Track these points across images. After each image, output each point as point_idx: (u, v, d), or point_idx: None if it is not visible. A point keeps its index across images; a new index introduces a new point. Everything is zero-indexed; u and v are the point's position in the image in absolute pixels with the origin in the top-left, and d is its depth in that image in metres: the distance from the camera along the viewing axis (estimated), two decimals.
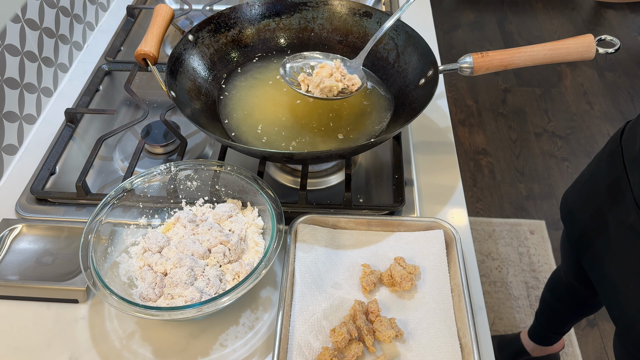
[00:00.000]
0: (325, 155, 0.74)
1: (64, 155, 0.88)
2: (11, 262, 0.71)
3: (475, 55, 0.80)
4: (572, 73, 2.70)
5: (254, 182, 0.73)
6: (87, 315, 0.68)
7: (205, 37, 0.91)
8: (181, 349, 0.65)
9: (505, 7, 3.16)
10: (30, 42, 0.91)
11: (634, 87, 2.62)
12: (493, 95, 2.59)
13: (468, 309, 0.64)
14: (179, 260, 0.68)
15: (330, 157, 0.77)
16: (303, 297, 0.68)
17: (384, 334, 0.63)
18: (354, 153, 0.78)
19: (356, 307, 0.66)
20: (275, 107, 0.88)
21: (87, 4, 1.13)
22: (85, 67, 1.06)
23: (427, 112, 0.97)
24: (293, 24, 0.98)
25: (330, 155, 0.75)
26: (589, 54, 0.78)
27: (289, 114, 0.87)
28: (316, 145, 0.82)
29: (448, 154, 0.90)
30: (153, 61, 0.83)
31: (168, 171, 0.75)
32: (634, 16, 3.09)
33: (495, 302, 1.77)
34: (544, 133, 2.39)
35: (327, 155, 0.75)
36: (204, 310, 0.61)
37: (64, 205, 0.80)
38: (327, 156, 0.75)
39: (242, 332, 0.67)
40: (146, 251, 0.71)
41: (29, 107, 0.92)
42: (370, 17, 0.95)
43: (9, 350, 0.65)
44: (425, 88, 0.83)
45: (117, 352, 0.65)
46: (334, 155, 0.76)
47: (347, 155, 0.79)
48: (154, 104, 0.99)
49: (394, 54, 0.92)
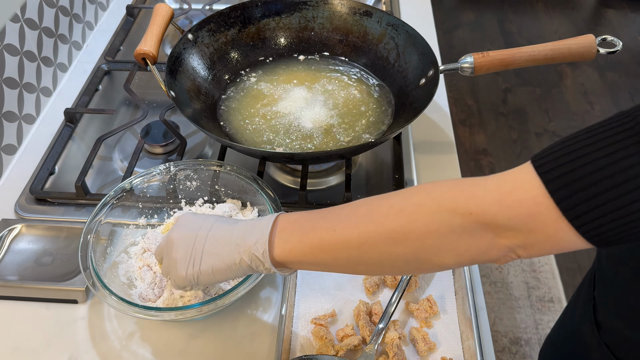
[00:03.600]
0: (325, 155, 0.74)
1: (63, 155, 0.88)
2: (10, 262, 0.71)
3: (476, 55, 0.80)
4: (572, 73, 2.70)
5: (254, 182, 0.73)
6: (87, 316, 0.68)
7: (204, 37, 0.90)
8: (181, 350, 0.65)
9: (505, 7, 3.16)
10: (29, 41, 0.91)
11: (634, 87, 2.62)
12: (493, 95, 2.58)
13: (472, 312, 0.64)
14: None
15: (330, 157, 0.76)
16: (306, 299, 0.68)
17: (387, 335, 0.63)
18: (354, 153, 0.77)
19: (360, 307, 0.66)
20: (275, 106, 0.88)
21: (87, 4, 1.12)
22: (85, 67, 1.06)
23: (427, 112, 0.97)
24: (293, 23, 0.98)
25: (330, 155, 0.75)
26: (589, 54, 0.77)
27: (289, 114, 0.86)
28: (316, 145, 0.82)
29: (448, 154, 0.90)
30: (152, 61, 0.82)
31: (167, 171, 0.75)
32: (634, 16, 3.09)
33: (495, 303, 1.76)
34: (545, 133, 2.39)
35: (327, 155, 0.74)
36: (204, 310, 0.60)
37: (63, 205, 0.80)
38: (327, 156, 0.75)
39: (242, 333, 0.67)
40: (145, 251, 0.71)
41: (28, 107, 0.91)
42: (371, 16, 0.94)
43: (8, 351, 0.65)
44: (425, 88, 0.83)
45: (117, 353, 0.65)
46: (334, 155, 0.75)
47: (347, 155, 0.78)
48: (153, 104, 0.98)
49: (394, 54, 0.91)
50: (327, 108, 0.87)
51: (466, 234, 0.44)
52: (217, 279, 0.54)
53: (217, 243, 0.53)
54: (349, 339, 0.63)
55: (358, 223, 0.48)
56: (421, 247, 0.46)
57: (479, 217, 0.43)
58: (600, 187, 0.38)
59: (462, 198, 0.44)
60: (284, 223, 0.52)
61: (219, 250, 0.53)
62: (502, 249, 0.44)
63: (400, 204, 0.47)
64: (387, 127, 0.85)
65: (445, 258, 0.46)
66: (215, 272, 0.53)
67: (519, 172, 0.42)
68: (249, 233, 0.52)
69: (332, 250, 0.49)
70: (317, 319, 0.64)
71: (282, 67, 0.96)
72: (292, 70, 0.95)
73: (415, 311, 0.66)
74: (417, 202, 0.46)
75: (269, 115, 0.86)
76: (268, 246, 0.50)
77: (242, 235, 0.52)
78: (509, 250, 0.44)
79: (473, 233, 0.44)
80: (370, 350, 0.61)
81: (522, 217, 0.41)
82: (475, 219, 0.43)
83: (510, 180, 0.42)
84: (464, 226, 0.44)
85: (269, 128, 0.84)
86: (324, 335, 0.63)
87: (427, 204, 0.45)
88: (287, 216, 0.53)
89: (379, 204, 0.48)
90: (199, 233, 0.54)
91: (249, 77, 0.94)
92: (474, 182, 0.45)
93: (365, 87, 0.91)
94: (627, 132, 0.38)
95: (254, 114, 0.87)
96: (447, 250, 0.45)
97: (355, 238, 0.47)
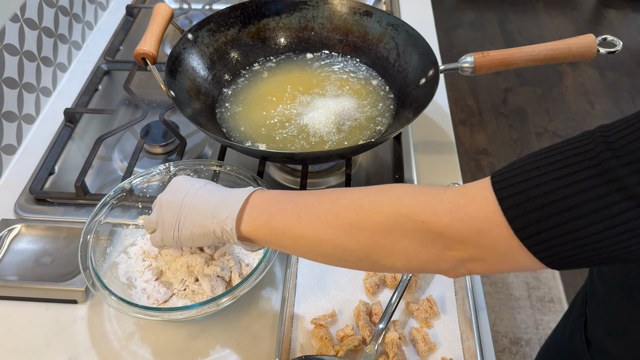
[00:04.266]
0: (325, 155, 0.74)
1: (63, 155, 0.88)
2: (10, 262, 0.71)
3: (476, 55, 0.79)
4: (573, 73, 2.70)
5: (254, 182, 0.73)
6: (86, 316, 0.68)
7: (204, 37, 0.90)
8: (180, 350, 0.65)
9: (506, 7, 3.16)
10: (29, 41, 0.91)
11: (635, 87, 2.61)
12: (494, 95, 2.58)
13: (472, 312, 0.64)
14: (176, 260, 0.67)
15: (330, 157, 0.76)
16: (306, 299, 0.68)
17: (387, 336, 0.63)
18: (354, 153, 0.77)
19: (360, 307, 0.66)
20: (275, 106, 0.88)
21: (87, 4, 1.12)
22: (85, 67, 1.06)
23: (427, 112, 0.97)
24: (293, 23, 0.98)
25: (330, 155, 0.75)
26: (590, 54, 0.77)
27: (289, 114, 0.86)
28: (316, 145, 0.81)
29: (449, 154, 0.90)
30: (152, 60, 0.82)
31: (167, 171, 0.75)
32: (635, 15, 3.09)
33: (496, 303, 1.76)
34: (545, 133, 2.39)
35: (327, 155, 0.74)
36: (204, 311, 0.60)
37: (63, 205, 0.80)
38: (327, 156, 0.75)
39: (242, 333, 0.67)
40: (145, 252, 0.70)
41: (27, 107, 0.91)
42: (371, 16, 0.94)
43: (7, 351, 0.65)
44: (425, 88, 0.83)
45: (116, 353, 0.65)
46: (334, 155, 0.75)
47: (347, 155, 0.78)
48: (153, 104, 0.98)
49: (394, 54, 0.91)
50: (327, 107, 0.87)
51: (417, 240, 0.44)
52: (196, 243, 0.57)
53: (196, 211, 0.55)
54: (349, 339, 0.63)
55: (320, 213, 0.49)
56: (373, 246, 0.46)
57: (430, 226, 0.43)
58: (553, 209, 0.37)
59: (417, 205, 0.44)
60: (256, 200, 0.53)
61: (196, 218, 0.55)
62: (452, 261, 0.44)
63: (360, 200, 0.47)
64: (387, 127, 0.85)
65: (395, 261, 0.46)
66: (194, 238, 0.56)
67: (477, 186, 0.42)
68: (222, 206, 0.54)
69: (294, 236, 0.50)
70: (317, 319, 0.64)
71: (282, 67, 0.96)
72: (292, 70, 0.95)
73: (416, 311, 0.66)
74: (375, 201, 0.47)
75: (269, 115, 0.86)
76: (236, 223, 0.52)
77: (217, 207, 0.54)
78: (459, 264, 0.44)
79: (424, 241, 0.44)
80: (370, 350, 0.61)
81: (473, 231, 0.41)
82: (427, 227, 0.43)
83: (466, 194, 0.43)
84: (416, 233, 0.44)
85: (269, 128, 0.84)
86: (324, 336, 0.63)
87: (385, 205, 0.46)
88: (261, 193, 0.54)
89: (343, 196, 0.49)
90: (184, 200, 0.56)
91: (249, 77, 0.94)
92: (433, 192, 0.45)
93: (365, 86, 0.91)
94: (585, 154, 0.37)
95: (254, 114, 0.87)
96: (398, 254, 0.46)
97: (315, 227, 0.48)
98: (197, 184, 0.58)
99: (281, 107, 0.88)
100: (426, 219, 0.43)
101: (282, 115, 0.86)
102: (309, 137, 0.82)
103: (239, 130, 0.84)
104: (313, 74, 0.94)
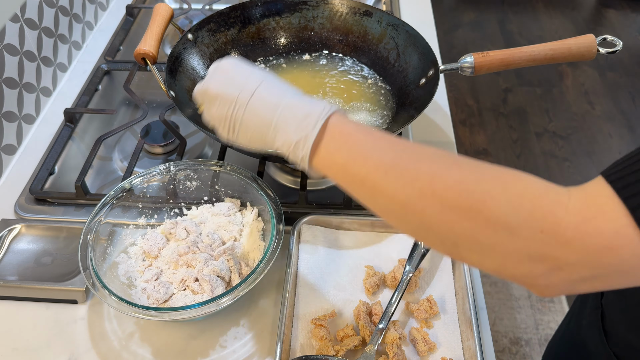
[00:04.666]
0: None
1: (63, 155, 0.88)
2: (10, 262, 0.71)
3: (476, 55, 0.79)
4: (573, 73, 2.70)
5: (254, 182, 0.73)
6: (86, 316, 0.68)
7: (204, 37, 0.90)
8: (180, 350, 0.65)
9: (506, 7, 3.16)
10: (29, 41, 0.91)
11: (635, 87, 2.61)
12: (494, 95, 2.58)
13: (472, 312, 0.64)
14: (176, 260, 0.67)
15: None
16: (306, 299, 0.68)
17: (387, 336, 0.63)
18: None
19: (360, 307, 0.66)
20: None
21: (87, 4, 1.12)
22: (85, 67, 1.06)
23: (427, 112, 0.97)
24: (293, 23, 0.98)
25: None
26: (589, 54, 0.77)
27: None
28: None
29: None
30: (152, 60, 0.82)
31: (167, 171, 0.75)
32: (635, 16, 3.09)
33: (495, 303, 1.76)
34: (545, 133, 2.39)
35: None
36: (204, 311, 0.60)
37: (63, 205, 0.80)
38: None
39: (242, 333, 0.67)
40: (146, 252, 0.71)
41: (28, 107, 0.91)
42: (371, 16, 0.94)
43: (8, 351, 0.65)
44: (425, 88, 0.83)
45: (116, 353, 0.65)
46: None
47: None
48: (153, 104, 0.98)
49: (394, 54, 0.91)
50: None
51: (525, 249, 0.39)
52: (254, 148, 0.51)
53: (258, 119, 0.48)
54: (349, 339, 0.63)
55: (415, 181, 0.42)
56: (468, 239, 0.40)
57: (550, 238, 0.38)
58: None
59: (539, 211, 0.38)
60: (335, 130, 0.46)
61: (257, 125, 0.48)
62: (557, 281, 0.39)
63: (470, 185, 0.40)
64: (387, 127, 0.85)
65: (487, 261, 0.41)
66: (252, 144, 0.50)
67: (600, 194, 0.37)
68: (291, 123, 0.47)
69: (374, 191, 0.44)
70: (317, 319, 0.64)
71: (282, 67, 0.96)
72: (292, 70, 0.95)
73: (416, 311, 0.66)
74: (489, 192, 0.40)
75: None
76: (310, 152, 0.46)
77: (284, 121, 0.47)
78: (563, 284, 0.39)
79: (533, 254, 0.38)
80: (370, 350, 0.61)
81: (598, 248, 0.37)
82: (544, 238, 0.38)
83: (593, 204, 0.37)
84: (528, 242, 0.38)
85: None
86: (324, 336, 0.63)
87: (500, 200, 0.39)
88: (340, 121, 0.47)
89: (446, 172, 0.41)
90: (239, 98, 0.49)
91: None
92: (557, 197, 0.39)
93: (366, 86, 0.91)
94: None
95: None
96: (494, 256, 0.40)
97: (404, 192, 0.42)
98: (254, 77, 0.50)
99: None
100: (546, 229, 0.38)
101: None
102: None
103: None
104: (313, 74, 0.94)
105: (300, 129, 0.46)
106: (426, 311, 0.66)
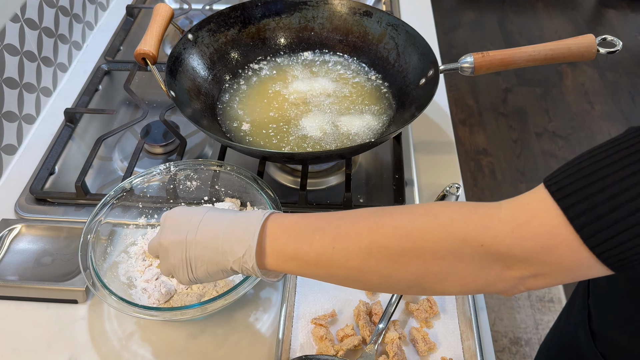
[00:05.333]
0: (325, 155, 0.74)
1: (63, 155, 0.88)
2: (10, 262, 0.71)
3: (476, 55, 0.80)
4: (573, 73, 2.70)
5: (254, 182, 0.73)
6: (87, 316, 0.68)
7: (204, 37, 0.90)
8: (180, 350, 0.65)
9: (506, 7, 3.16)
10: (29, 41, 0.91)
11: (634, 87, 2.61)
12: (494, 95, 2.58)
13: (472, 312, 0.64)
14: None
15: (330, 157, 0.76)
16: (306, 299, 0.68)
17: (387, 335, 0.63)
18: (354, 153, 0.77)
19: (360, 307, 0.66)
20: (275, 107, 0.88)
21: (87, 4, 1.12)
22: (85, 67, 1.06)
23: (427, 112, 0.97)
24: (293, 23, 0.98)
25: (330, 155, 0.75)
26: (589, 54, 0.77)
27: (289, 113, 0.86)
28: (316, 145, 0.82)
29: (448, 154, 0.90)
30: (152, 61, 0.82)
31: (167, 171, 0.75)
32: (634, 16, 3.09)
33: (495, 303, 1.76)
34: (545, 133, 2.39)
35: (327, 155, 0.74)
36: (204, 310, 0.60)
37: (63, 205, 0.80)
38: (327, 156, 0.75)
39: (242, 333, 0.67)
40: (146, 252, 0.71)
41: (28, 107, 0.91)
42: (371, 16, 0.94)
43: (8, 351, 0.65)
44: (425, 88, 0.83)
45: (117, 353, 0.65)
46: (334, 155, 0.75)
47: (347, 155, 0.78)
48: (153, 104, 0.98)
49: (394, 54, 0.91)
50: (327, 107, 0.87)
51: (474, 264, 0.42)
52: (216, 278, 0.54)
53: (206, 250, 0.51)
54: (349, 339, 0.63)
55: (359, 243, 0.45)
56: (425, 274, 0.43)
57: (491, 249, 0.41)
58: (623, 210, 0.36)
59: (473, 228, 0.41)
60: (275, 230, 0.49)
61: (209, 257, 0.51)
62: (511, 280, 0.42)
63: (405, 227, 0.44)
64: (386, 127, 0.85)
65: (450, 286, 0.44)
66: (212, 275, 0.53)
67: (533, 199, 0.40)
68: (234, 240, 0.49)
69: (330, 267, 0.47)
70: (317, 319, 0.64)
71: (282, 67, 0.96)
72: (292, 70, 0.95)
73: (415, 311, 0.66)
74: (424, 227, 0.43)
75: (269, 114, 0.86)
76: (257, 258, 0.48)
77: (227, 242, 0.50)
78: (518, 282, 0.42)
79: (482, 264, 0.42)
80: (370, 350, 0.61)
81: (538, 249, 0.39)
82: (486, 250, 0.41)
83: (525, 210, 0.40)
84: (474, 257, 0.41)
85: (269, 128, 0.84)
86: (324, 335, 0.63)
87: (436, 230, 0.43)
88: (277, 221, 0.50)
89: (381, 223, 0.45)
90: (187, 238, 0.51)
91: (249, 77, 0.94)
92: (487, 210, 0.42)
93: (366, 86, 0.91)
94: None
95: (254, 114, 0.87)
96: (453, 279, 0.43)
97: (355, 258, 0.45)
98: (196, 216, 0.53)
99: (282, 106, 0.88)
100: (485, 242, 0.41)
101: (283, 115, 0.86)
102: (309, 137, 0.82)
103: (239, 130, 0.84)
104: (313, 74, 0.94)
105: (242, 243, 0.49)
106: (426, 311, 0.66)
